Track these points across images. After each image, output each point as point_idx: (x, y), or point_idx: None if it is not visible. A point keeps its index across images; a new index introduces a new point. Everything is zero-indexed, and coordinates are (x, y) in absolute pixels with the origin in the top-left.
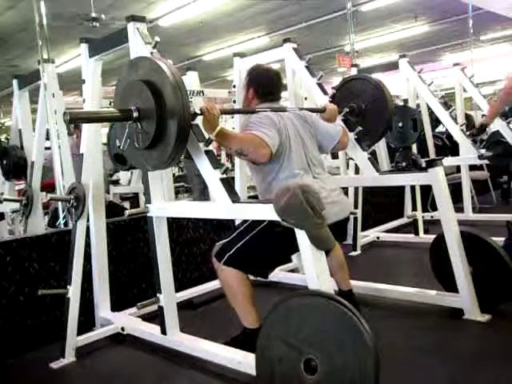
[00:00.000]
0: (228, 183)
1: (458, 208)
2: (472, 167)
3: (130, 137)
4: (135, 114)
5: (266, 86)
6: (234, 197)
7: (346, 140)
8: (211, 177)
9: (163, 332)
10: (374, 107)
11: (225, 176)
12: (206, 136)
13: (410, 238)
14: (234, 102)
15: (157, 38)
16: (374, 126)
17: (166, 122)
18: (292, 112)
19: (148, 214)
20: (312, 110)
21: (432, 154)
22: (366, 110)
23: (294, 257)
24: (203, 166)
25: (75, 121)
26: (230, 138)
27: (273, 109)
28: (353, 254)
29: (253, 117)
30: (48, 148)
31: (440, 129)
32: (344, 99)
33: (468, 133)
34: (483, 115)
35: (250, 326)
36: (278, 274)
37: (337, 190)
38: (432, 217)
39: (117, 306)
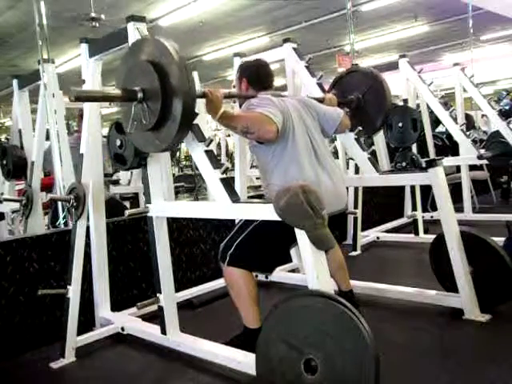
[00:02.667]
0: (228, 183)
1: (458, 208)
2: (472, 167)
3: (135, 119)
4: (140, 95)
5: (257, 74)
6: (234, 197)
7: (348, 122)
8: (211, 177)
9: (163, 332)
10: (372, 97)
11: (225, 176)
12: (206, 136)
13: (409, 237)
14: (234, 102)
15: None
16: (373, 116)
17: (172, 100)
18: (292, 97)
19: (148, 214)
20: None
21: (432, 154)
22: (364, 101)
23: (294, 257)
24: (203, 166)
25: (80, 99)
26: (235, 118)
27: (273, 94)
28: (353, 253)
29: (252, 100)
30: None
31: (440, 129)
32: (341, 94)
33: None
34: (483, 115)
35: (251, 326)
36: (278, 274)
37: (342, 182)
38: (432, 217)
39: (117, 305)
